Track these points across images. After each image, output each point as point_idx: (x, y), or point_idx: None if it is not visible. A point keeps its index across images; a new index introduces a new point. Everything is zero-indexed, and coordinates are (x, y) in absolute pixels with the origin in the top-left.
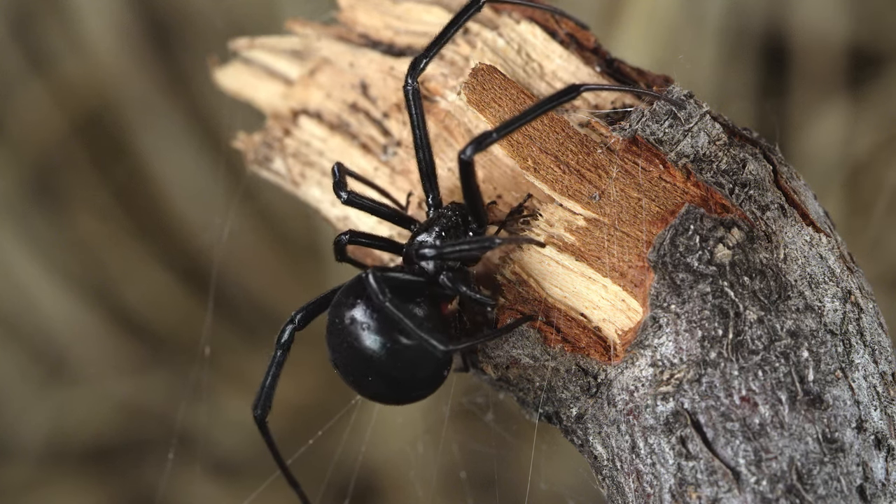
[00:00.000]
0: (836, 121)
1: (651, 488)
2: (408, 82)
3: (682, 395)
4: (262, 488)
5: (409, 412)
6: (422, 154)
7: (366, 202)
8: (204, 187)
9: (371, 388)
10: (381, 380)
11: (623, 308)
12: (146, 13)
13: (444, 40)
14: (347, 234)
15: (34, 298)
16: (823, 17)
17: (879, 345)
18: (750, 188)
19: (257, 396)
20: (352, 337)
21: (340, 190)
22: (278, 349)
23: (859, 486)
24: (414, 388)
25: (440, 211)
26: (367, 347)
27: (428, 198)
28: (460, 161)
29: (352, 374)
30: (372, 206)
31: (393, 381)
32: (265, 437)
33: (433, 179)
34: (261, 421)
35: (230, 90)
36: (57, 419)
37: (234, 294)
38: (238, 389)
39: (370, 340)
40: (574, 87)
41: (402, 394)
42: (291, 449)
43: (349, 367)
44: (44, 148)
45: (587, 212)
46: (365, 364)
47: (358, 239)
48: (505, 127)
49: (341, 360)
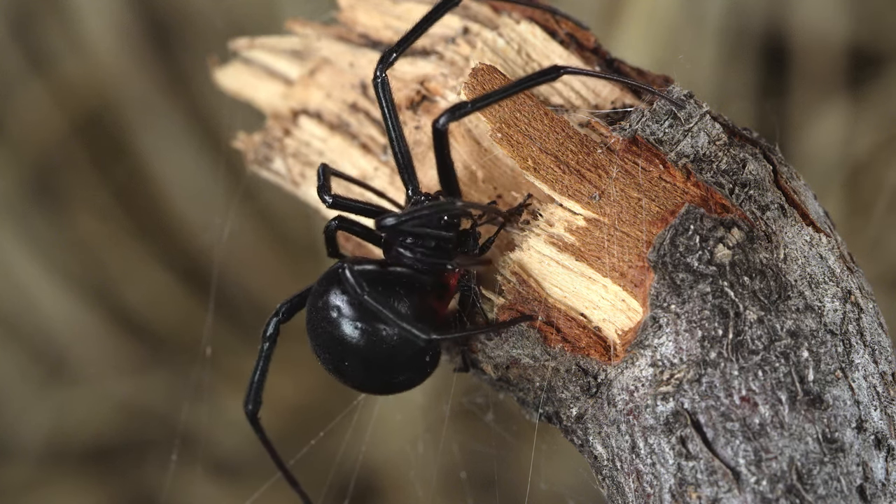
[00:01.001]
0: (836, 121)
1: (651, 488)
2: (377, 74)
3: (682, 395)
4: (264, 488)
5: (409, 412)
6: (396, 146)
7: (351, 203)
8: (204, 187)
9: (352, 376)
10: (362, 368)
11: (623, 308)
12: (146, 13)
13: (416, 35)
14: (336, 220)
15: (34, 298)
16: (823, 17)
17: (879, 345)
18: (750, 188)
19: (247, 391)
20: (331, 326)
21: (324, 194)
22: (265, 342)
23: (859, 486)
24: (395, 377)
25: (416, 198)
26: (346, 336)
27: (408, 189)
28: (434, 129)
29: (332, 362)
30: (357, 206)
31: (373, 369)
32: (258, 434)
33: (410, 170)
34: (252, 416)
35: (230, 90)
36: (57, 419)
37: (234, 294)
38: (238, 389)
39: (349, 329)
40: (555, 68)
41: (384, 383)
42: (291, 449)
43: (329, 355)
44: (44, 148)
45: (587, 212)
46: (345, 353)
47: (347, 226)
48: (481, 100)
49: (321, 349)
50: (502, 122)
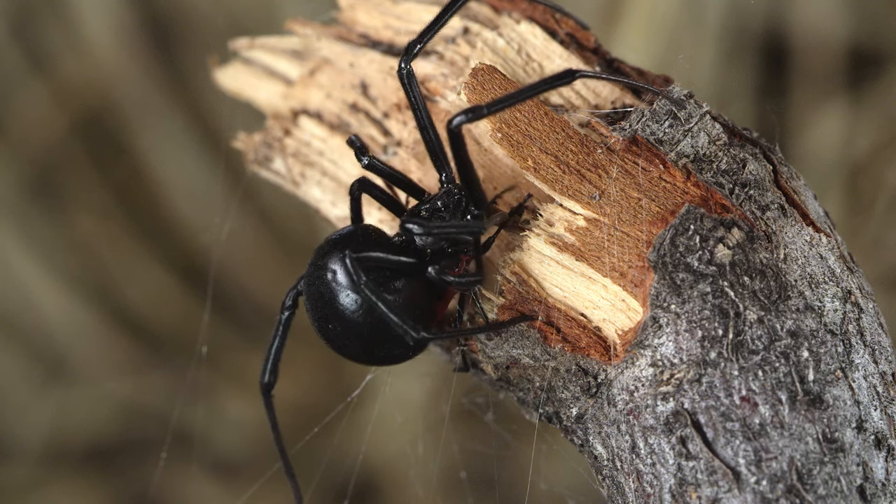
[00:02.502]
0: (836, 121)
1: (651, 488)
2: (401, 66)
3: (682, 395)
4: (262, 481)
5: (409, 412)
6: (427, 134)
7: (385, 168)
8: (204, 187)
9: (336, 340)
10: (346, 334)
11: (623, 308)
12: (146, 13)
13: (438, 25)
14: (359, 181)
15: (34, 298)
16: (823, 17)
17: (879, 345)
18: (750, 188)
19: (264, 364)
20: (324, 288)
21: (363, 155)
22: (283, 312)
23: (859, 486)
24: (376, 350)
25: (448, 187)
26: (335, 301)
27: (441, 176)
28: (449, 131)
29: (319, 321)
30: (390, 172)
31: (355, 337)
32: (268, 412)
33: (443, 157)
34: (267, 391)
35: (230, 90)
36: (56, 419)
37: (233, 294)
38: (237, 389)
39: (340, 296)
40: (570, 72)
41: (364, 353)
42: (291, 449)
43: (318, 315)
44: (44, 148)
45: (587, 212)
46: (332, 316)
47: (369, 188)
48: (496, 104)
49: (312, 306)
50: (502, 122)
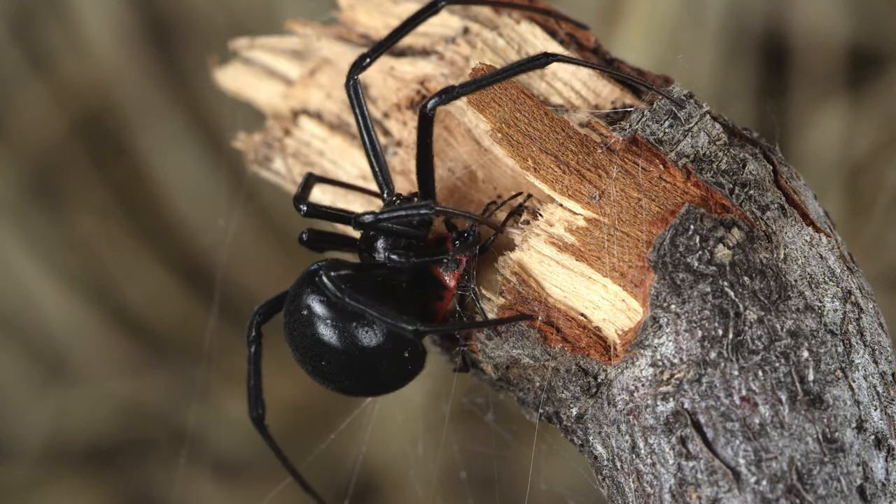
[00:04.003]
0: (836, 121)
1: (651, 488)
2: (349, 79)
3: (682, 395)
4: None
5: (409, 412)
6: (369, 149)
7: (325, 211)
8: (204, 187)
9: (332, 377)
10: (341, 369)
11: (623, 308)
12: (146, 13)
13: (393, 40)
14: (306, 232)
15: (34, 298)
16: (823, 17)
17: (879, 345)
18: (750, 188)
19: (248, 398)
20: (309, 328)
21: (300, 203)
22: (250, 346)
23: (859, 486)
24: (375, 378)
25: (391, 199)
26: (324, 338)
27: (383, 193)
28: (421, 114)
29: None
30: (332, 213)
31: (353, 370)
32: (267, 441)
33: (386, 173)
34: (259, 422)
35: (230, 90)
36: (57, 419)
37: (234, 294)
38: (239, 389)
39: (327, 331)
40: (545, 55)
41: (364, 384)
42: (292, 449)
43: (309, 358)
44: (44, 148)
45: (587, 212)
46: (323, 354)
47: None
48: (469, 84)
49: (300, 352)
50: (502, 122)
